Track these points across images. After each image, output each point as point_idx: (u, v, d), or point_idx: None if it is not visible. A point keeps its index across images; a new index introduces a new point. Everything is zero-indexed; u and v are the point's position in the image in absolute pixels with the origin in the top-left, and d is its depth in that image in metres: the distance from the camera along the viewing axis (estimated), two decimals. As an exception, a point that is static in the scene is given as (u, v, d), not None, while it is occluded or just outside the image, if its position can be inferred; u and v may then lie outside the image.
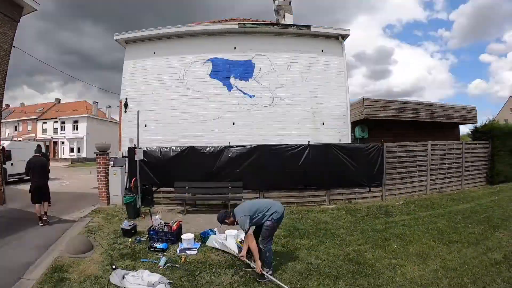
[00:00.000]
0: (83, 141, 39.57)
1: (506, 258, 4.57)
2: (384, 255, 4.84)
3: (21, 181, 15.15)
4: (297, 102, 9.83)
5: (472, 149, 11.04)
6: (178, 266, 4.42)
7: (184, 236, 5.42)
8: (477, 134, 11.81)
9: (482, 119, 13.98)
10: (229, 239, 5.22)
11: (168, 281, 3.99)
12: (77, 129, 40.44)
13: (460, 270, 4.22)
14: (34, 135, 43.18)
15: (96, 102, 43.62)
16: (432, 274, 4.13)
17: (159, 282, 3.89)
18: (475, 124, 12.11)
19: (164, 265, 4.45)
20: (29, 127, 44.33)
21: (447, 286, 3.78)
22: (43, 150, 11.88)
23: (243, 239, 5.00)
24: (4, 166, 11.58)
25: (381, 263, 4.53)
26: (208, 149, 8.63)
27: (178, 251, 5.11)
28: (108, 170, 8.88)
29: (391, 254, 4.90)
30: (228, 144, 8.70)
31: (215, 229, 5.74)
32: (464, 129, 15.47)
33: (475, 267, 4.29)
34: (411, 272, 4.21)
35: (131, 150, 8.51)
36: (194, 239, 5.46)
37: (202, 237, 5.58)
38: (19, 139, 44.40)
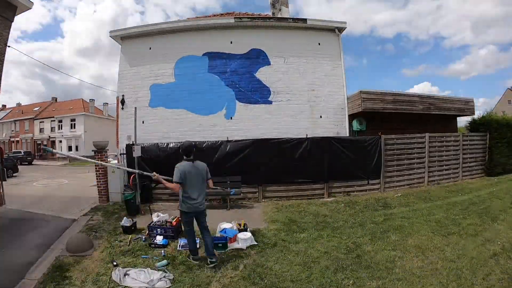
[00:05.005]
0: (80, 139, 39.40)
1: (505, 249, 4.61)
2: (383, 247, 4.87)
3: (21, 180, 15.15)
4: (294, 96, 9.79)
5: (469, 141, 11.07)
6: (172, 276, 4.05)
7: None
8: (474, 126, 11.84)
9: (479, 111, 14.02)
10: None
11: (171, 276, 4.02)
12: (74, 127, 40.23)
13: (459, 261, 4.26)
14: (31, 134, 43.00)
15: (93, 99, 43.40)
16: (431, 265, 4.16)
17: (160, 279, 3.91)
18: (473, 116, 12.14)
19: (159, 266, 4.37)
20: (26, 127, 44.10)
21: (446, 278, 3.81)
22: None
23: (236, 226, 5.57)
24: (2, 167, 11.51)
25: (380, 255, 4.56)
26: (205, 144, 8.62)
27: (179, 246, 5.12)
28: (106, 167, 8.86)
29: (390, 246, 4.94)
30: (226, 139, 8.70)
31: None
32: (462, 121, 15.48)
33: (474, 258, 4.33)
34: (410, 263, 4.24)
35: (129, 147, 8.49)
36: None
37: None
38: (16, 139, 44.31)
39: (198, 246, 4.68)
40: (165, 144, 8.75)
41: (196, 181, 4.34)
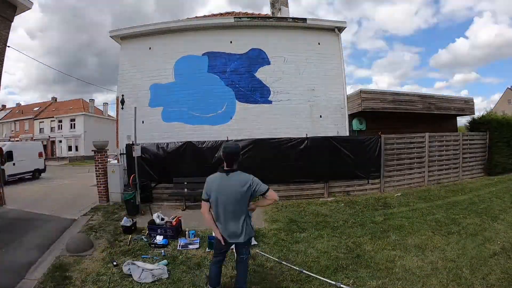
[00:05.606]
0: (80, 139, 39.42)
1: (504, 249, 4.61)
2: (383, 247, 4.88)
3: (21, 180, 15.24)
4: (294, 95, 9.78)
5: (469, 140, 11.07)
6: (168, 273, 4.15)
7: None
8: (474, 125, 11.83)
9: (479, 111, 13.98)
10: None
11: (168, 274, 4.10)
12: (74, 127, 40.24)
13: (458, 261, 4.26)
14: (31, 134, 42.98)
15: (92, 99, 43.44)
16: (431, 265, 4.17)
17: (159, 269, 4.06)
18: (473, 115, 12.13)
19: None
20: (26, 127, 44.09)
21: (446, 277, 3.82)
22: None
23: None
24: (2, 167, 11.54)
25: (380, 255, 4.57)
26: (205, 144, 8.62)
27: (179, 246, 5.13)
28: (106, 167, 8.87)
29: (390, 245, 4.94)
30: (226, 139, 8.70)
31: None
32: (462, 121, 15.46)
33: (473, 258, 4.34)
34: (410, 263, 4.25)
35: (129, 147, 8.50)
36: (194, 234, 5.48)
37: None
38: (16, 139, 44.32)
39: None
40: (165, 144, 8.76)
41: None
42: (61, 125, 41.17)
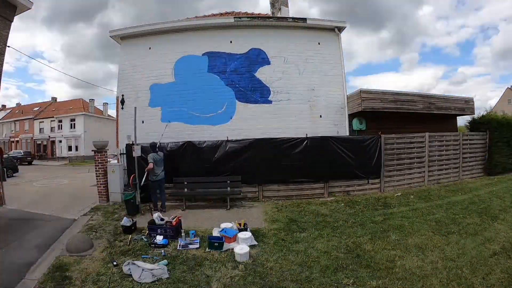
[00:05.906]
0: (80, 139, 39.39)
1: (504, 248, 4.62)
2: (383, 247, 4.88)
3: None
4: (294, 95, 9.78)
5: (469, 140, 11.07)
6: (168, 273, 4.16)
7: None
8: (474, 125, 11.84)
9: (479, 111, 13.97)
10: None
11: (168, 273, 4.10)
12: (74, 127, 40.21)
13: (459, 261, 4.26)
14: (31, 134, 43.00)
15: (92, 99, 43.39)
16: (431, 265, 4.17)
17: (159, 269, 4.06)
18: (473, 115, 12.13)
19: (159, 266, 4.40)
20: (26, 127, 44.10)
21: (446, 277, 3.82)
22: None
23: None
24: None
25: (380, 255, 4.57)
26: (206, 144, 8.62)
27: (179, 246, 5.12)
28: (106, 167, 8.87)
29: (390, 245, 4.94)
30: (226, 139, 8.70)
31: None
32: (462, 121, 15.45)
33: (473, 258, 4.34)
34: (410, 263, 4.25)
35: (129, 147, 8.50)
36: (194, 234, 5.48)
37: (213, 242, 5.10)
38: (16, 139, 44.33)
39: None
40: (165, 144, 8.75)
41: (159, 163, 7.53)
42: (61, 125, 41.13)
